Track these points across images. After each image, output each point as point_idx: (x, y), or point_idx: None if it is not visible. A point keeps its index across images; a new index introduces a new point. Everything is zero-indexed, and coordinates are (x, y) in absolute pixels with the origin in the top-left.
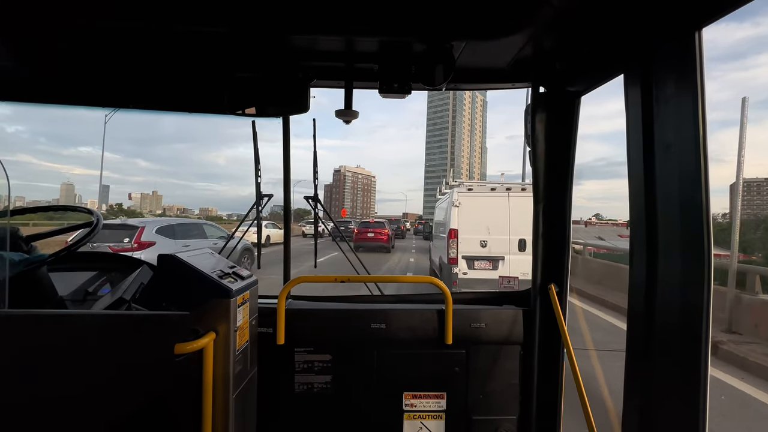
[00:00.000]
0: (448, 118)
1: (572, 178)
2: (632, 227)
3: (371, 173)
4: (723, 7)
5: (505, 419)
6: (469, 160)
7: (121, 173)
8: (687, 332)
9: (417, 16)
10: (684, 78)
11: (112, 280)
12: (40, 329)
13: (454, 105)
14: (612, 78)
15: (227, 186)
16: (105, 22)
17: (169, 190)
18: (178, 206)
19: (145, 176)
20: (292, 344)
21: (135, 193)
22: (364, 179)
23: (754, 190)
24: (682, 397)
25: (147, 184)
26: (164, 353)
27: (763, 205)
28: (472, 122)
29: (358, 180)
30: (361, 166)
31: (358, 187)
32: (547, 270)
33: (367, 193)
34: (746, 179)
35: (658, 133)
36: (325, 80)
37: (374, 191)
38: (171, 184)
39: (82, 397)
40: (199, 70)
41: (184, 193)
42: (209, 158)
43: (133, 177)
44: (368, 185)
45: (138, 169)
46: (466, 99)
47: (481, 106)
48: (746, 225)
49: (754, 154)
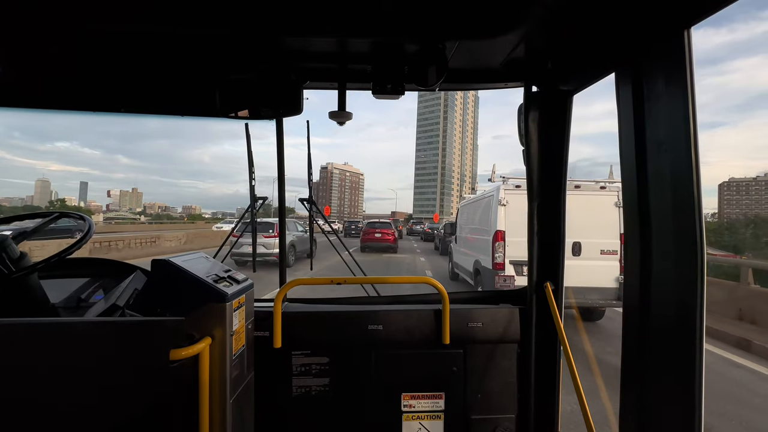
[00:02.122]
0: (440, 113)
1: (566, 176)
2: (626, 224)
3: (359, 171)
4: (711, 6)
5: (503, 418)
6: (461, 157)
7: (101, 170)
8: (681, 328)
9: (410, 16)
10: (674, 76)
11: (105, 286)
12: (32, 338)
13: (446, 101)
14: (604, 76)
15: (212, 183)
16: (95, 25)
17: (152, 188)
18: (160, 204)
19: (126, 173)
20: (289, 347)
21: (114, 190)
22: (352, 177)
23: (743, 189)
24: (678, 391)
25: (129, 181)
26: (159, 359)
27: (751, 204)
28: (464, 119)
29: (345, 177)
30: (349, 164)
31: (346, 185)
32: (543, 268)
33: (354, 191)
34: (734, 179)
35: (649, 130)
36: (318, 82)
37: (362, 189)
38: (154, 181)
39: (76, 406)
40: (192, 72)
41: (168, 191)
42: (195, 155)
43: (114, 174)
44: (356, 183)
45: (119, 165)
46: (458, 95)
47: (473, 102)
48: (735, 225)
49: (732, 156)
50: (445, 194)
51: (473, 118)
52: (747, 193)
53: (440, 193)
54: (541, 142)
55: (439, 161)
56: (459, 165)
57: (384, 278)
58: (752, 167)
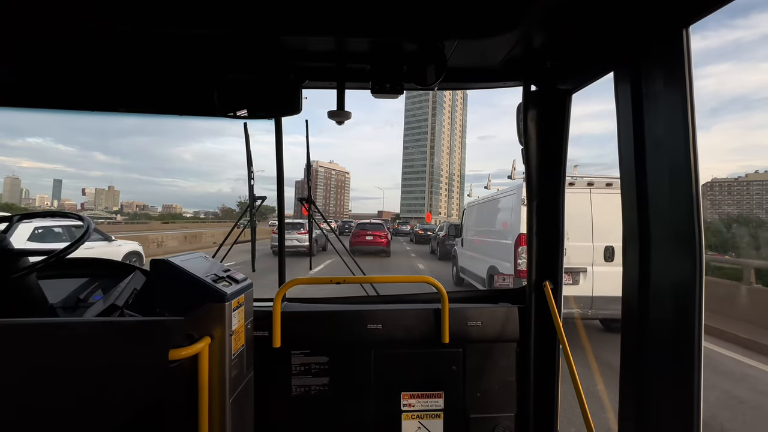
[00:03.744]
0: (428, 111)
1: (565, 175)
2: (624, 223)
3: (345, 169)
4: (710, 5)
5: (502, 416)
6: (449, 156)
7: (77, 167)
8: (680, 326)
9: (409, 15)
10: (673, 75)
11: (104, 286)
12: (31, 338)
13: (434, 99)
14: (602, 75)
15: (194, 182)
16: (92, 24)
17: (130, 186)
18: (138, 203)
19: (104, 170)
20: (289, 347)
21: (89, 189)
22: (337, 175)
23: (725, 190)
24: (677, 390)
25: (106, 179)
26: (159, 359)
27: (733, 203)
28: (452, 117)
29: (331, 176)
30: (334, 162)
31: (331, 184)
32: (542, 267)
33: (340, 190)
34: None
35: (648, 129)
36: (317, 81)
37: (348, 188)
38: (133, 179)
39: (75, 407)
40: (190, 72)
41: (148, 189)
42: (175, 153)
43: (91, 171)
44: (342, 182)
45: (96, 163)
46: (447, 93)
47: (462, 101)
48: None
49: (706, 159)
50: (433, 193)
51: (462, 116)
52: (729, 194)
53: (429, 192)
54: (539, 141)
55: (428, 159)
56: (447, 164)
57: (383, 277)
58: (724, 169)
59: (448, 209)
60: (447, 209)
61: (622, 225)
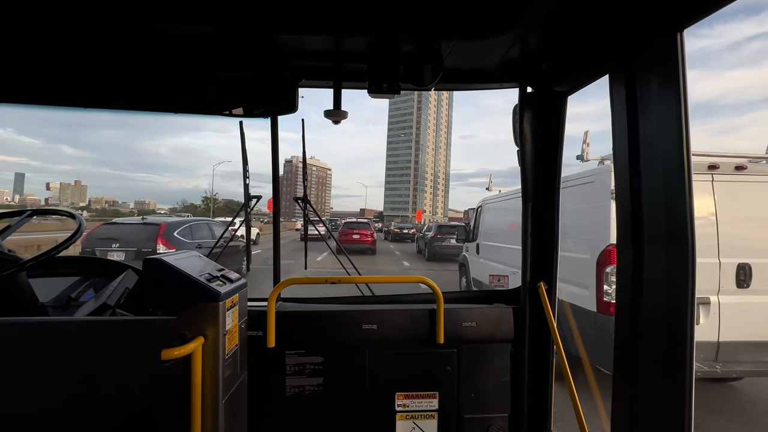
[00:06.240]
0: (413, 108)
1: (560, 177)
2: (619, 223)
3: (327, 165)
4: (704, 9)
5: (497, 417)
6: (435, 154)
7: (42, 160)
8: (673, 324)
9: (406, 15)
10: (667, 78)
11: (95, 285)
12: (20, 337)
13: (419, 96)
14: (597, 78)
15: (170, 178)
16: (88, 20)
17: (100, 181)
18: (108, 198)
19: (73, 164)
20: (283, 347)
21: (54, 183)
22: (319, 171)
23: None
24: (669, 387)
25: (74, 173)
26: (151, 359)
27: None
28: (438, 115)
29: (312, 172)
30: (315, 158)
31: (312, 180)
32: (537, 268)
33: (322, 186)
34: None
35: (642, 131)
36: (313, 80)
37: (329, 185)
38: (104, 174)
39: (66, 408)
40: (186, 69)
41: (120, 184)
42: (150, 147)
43: (57, 165)
44: (323, 178)
45: (63, 156)
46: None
47: (447, 99)
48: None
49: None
50: (418, 191)
51: (447, 114)
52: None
53: (413, 190)
54: (535, 142)
55: (413, 157)
56: (433, 161)
57: (378, 278)
58: None
59: (433, 207)
60: (432, 207)
61: (616, 226)
